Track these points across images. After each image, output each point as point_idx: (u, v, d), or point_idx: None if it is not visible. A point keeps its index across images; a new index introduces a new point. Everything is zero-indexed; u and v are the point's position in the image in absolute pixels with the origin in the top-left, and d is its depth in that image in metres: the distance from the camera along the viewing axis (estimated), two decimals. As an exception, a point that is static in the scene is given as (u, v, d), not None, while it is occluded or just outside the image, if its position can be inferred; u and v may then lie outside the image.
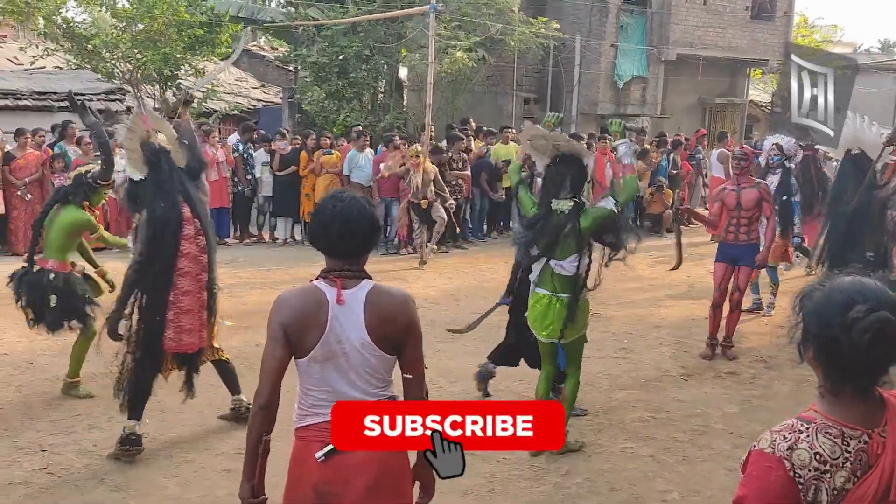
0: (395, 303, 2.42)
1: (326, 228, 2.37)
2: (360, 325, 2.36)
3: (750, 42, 21.36)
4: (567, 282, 4.33)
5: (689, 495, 4.19)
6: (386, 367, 2.44)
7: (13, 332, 6.81)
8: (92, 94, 13.34)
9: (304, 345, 2.35)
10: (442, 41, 14.68)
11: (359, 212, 2.38)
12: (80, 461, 4.40)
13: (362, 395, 2.39)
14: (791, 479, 1.56)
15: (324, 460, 2.34)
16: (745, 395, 5.76)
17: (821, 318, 1.62)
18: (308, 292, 2.40)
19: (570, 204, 4.27)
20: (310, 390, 2.42)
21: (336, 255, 2.41)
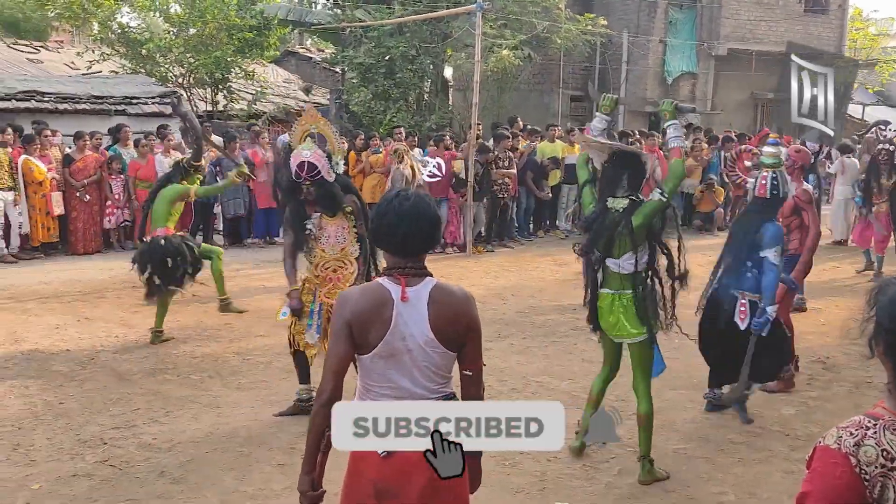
0: (458, 301, 2.45)
1: (392, 227, 2.40)
2: (424, 322, 2.38)
3: (803, 36, 20.84)
4: (627, 279, 4.23)
5: (744, 497, 4.12)
6: (447, 365, 2.46)
7: (74, 328, 7.03)
8: (147, 98, 13.68)
9: (367, 341, 2.38)
10: (488, 40, 14.67)
11: (423, 210, 2.41)
12: (140, 454, 4.52)
13: (424, 391, 2.42)
14: (857, 475, 1.54)
15: (385, 457, 2.35)
16: (802, 397, 5.63)
17: (894, 312, 1.58)
18: (372, 290, 2.43)
19: (626, 202, 4.19)
20: (371, 387, 2.44)
21: (400, 253, 2.43)
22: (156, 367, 6.04)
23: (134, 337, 6.83)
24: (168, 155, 10.80)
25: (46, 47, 19.21)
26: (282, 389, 5.61)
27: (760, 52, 20.16)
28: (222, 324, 7.33)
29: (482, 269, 10.26)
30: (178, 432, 4.83)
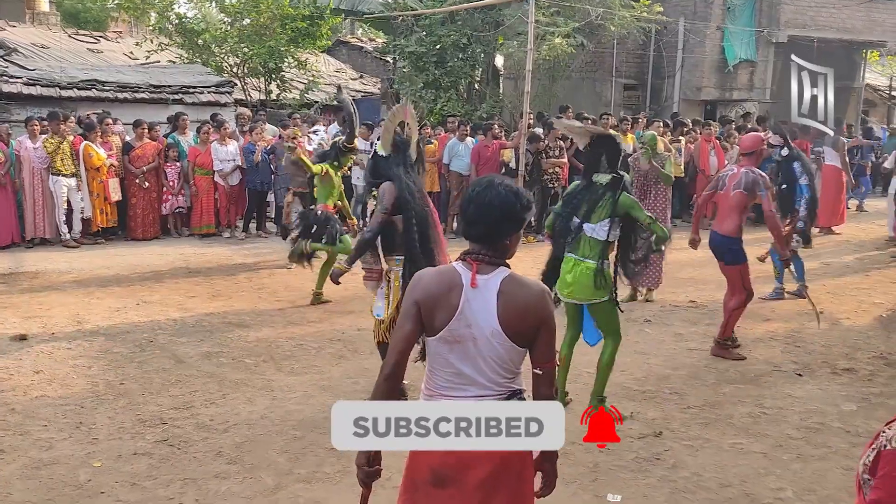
0: (531, 295, 2.37)
1: (465, 210, 2.42)
2: (491, 313, 2.33)
3: (866, 23, 20.12)
4: (596, 247, 4.76)
5: (803, 494, 4.01)
6: (514, 359, 2.40)
7: (134, 312, 7.22)
8: (203, 87, 13.92)
9: (434, 323, 2.36)
10: (540, 27, 14.53)
11: (493, 198, 2.36)
12: (198, 434, 4.63)
13: (488, 382, 2.38)
14: None
15: None
16: (864, 393, 5.46)
17: None
18: (445, 273, 2.42)
19: (608, 177, 4.83)
20: (437, 371, 2.43)
21: (471, 238, 2.42)
22: (212, 351, 6.17)
23: (190, 321, 6.99)
24: (224, 143, 11.00)
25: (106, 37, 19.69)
26: (334, 375, 5.68)
27: (822, 40, 19.51)
28: (276, 309, 7.44)
29: (532, 258, 10.16)
30: (234, 414, 4.93)
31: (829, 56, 20.08)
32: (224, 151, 11.01)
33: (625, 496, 3.95)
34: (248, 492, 3.98)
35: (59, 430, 4.65)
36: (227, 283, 8.45)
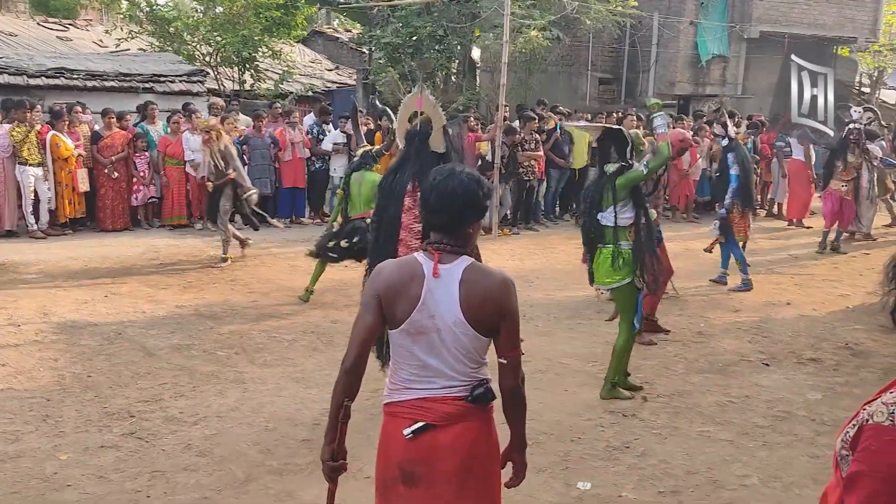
0: (493, 283, 2.34)
1: (426, 201, 2.38)
2: (454, 302, 2.30)
3: (837, 19, 20.40)
4: (608, 232, 5.02)
5: (769, 481, 4.08)
6: (479, 348, 2.37)
7: (102, 304, 7.13)
8: (174, 76, 13.74)
9: (396, 315, 2.32)
10: (516, 20, 14.53)
11: (455, 186, 2.33)
12: (166, 427, 4.58)
13: (454, 373, 2.35)
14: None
15: (412, 438, 2.32)
16: (829, 383, 5.56)
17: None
18: (405, 263, 2.39)
19: (616, 166, 5.10)
20: (402, 364, 2.39)
21: (434, 227, 2.39)
22: (182, 343, 6.11)
23: (161, 313, 6.92)
24: (196, 133, 10.88)
25: (75, 25, 19.38)
26: (307, 367, 5.66)
27: (793, 36, 19.74)
28: (249, 301, 7.39)
29: (508, 251, 10.23)
30: (204, 407, 4.89)
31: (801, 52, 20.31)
32: (196, 141, 10.87)
33: (594, 483, 3.98)
34: (218, 484, 3.95)
35: (25, 423, 4.59)
36: (198, 275, 8.38)
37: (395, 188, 4.74)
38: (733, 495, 3.93)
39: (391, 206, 4.73)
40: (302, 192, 12.06)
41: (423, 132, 4.78)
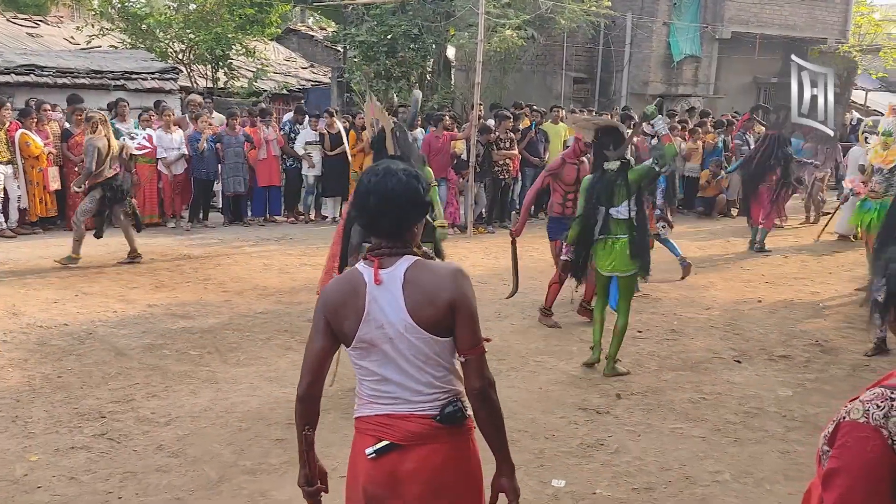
0: (438, 277, 2.13)
1: (364, 205, 2.16)
2: (399, 306, 2.11)
3: (807, 20, 20.71)
4: (623, 225, 5.43)
5: (740, 476, 4.13)
6: (440, 352, 2.15)
7: (73, 303, 7.03)
8: (146, 73, 13.59)
9: (346, 332, 2.15)
10: (491, 19, 14.57)
11: (394, 186, 2.13)
12: (138, 428, 4.53)
13: (418, 385, 2.15)
14: (889, 447, 1.54)
15: (374, 458, 2.15)
16: (799, 379, 5.64)
17: None
18: (346, 276, 2.21)
19: (618, 163, 5.42)
20: (363, 382, 2.22)
21: (376, 232, 2.19)
22: (154, 343, 6.05)
23: (132, 312, 6.83)
24: (168, 131, 10.76)
25: (46, 22, 19.07)
26: (281, 366, 5.63)
27: (764, 36, 20.03)
28: (222, 300, 7.33)
29: (483, 249, 10.25)
30: (177, 407, 4.84)
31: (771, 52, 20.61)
32: (168, 139, 10.78)
33: (569, 481, 4.00)
34: (191, 485, 3.92)
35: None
36: (171, 274, 8.29)
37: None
38: (705, 491, 3.98)
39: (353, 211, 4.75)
40: (277, 191, 11.99)
41: (381, 138, 4.85)
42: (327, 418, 4.72)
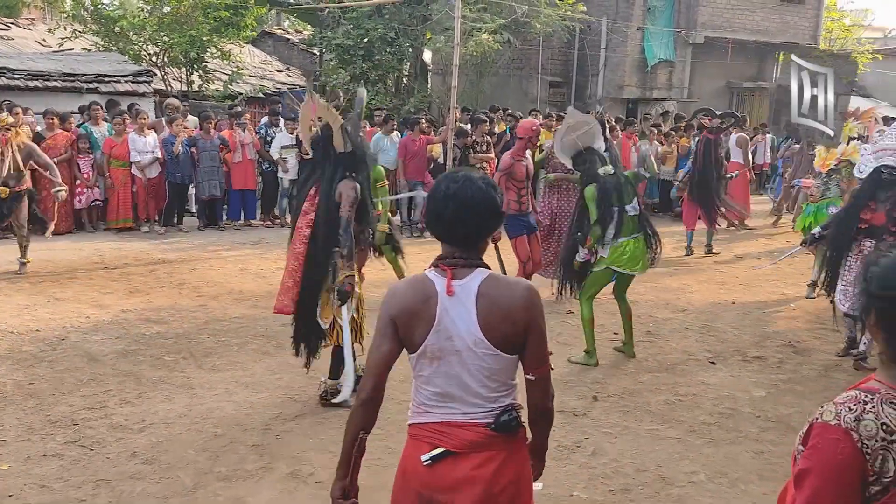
0: (513, 295, 2.13)
1: (440, 212, 2.15)
2: (472, 321, 2.11)
3: (779, 25, 21.01)
4: (636, 221, 5.76)
5: (715, 477, 4.17)
6: (504, 369, 2.17)
7: (45, 310, 6.93)
8: (119, 76, 13.45)
9: (413, 339, 2.16)
10: (467, 23, 14.61)
11: (474, 194, 2.13)
12: (111, 435, 4.47)
13: (476, 399, 2.16)
14: (859, 450, 1.56)
15: (429, 464, 2.16)
16: (773, 380, 5.71)
17: (886, 280, 1.61)
18: (417, 283, 2.19)
19: (611, 167, 5.79)
20: (421, 388, 2.22)
21: (451, 241, 2.17)
22: (128, 349, 5.98)
23: (106, 318, 6.75)
24: (142, 134, 10.65)
25: (17, 24, 18.78)
26: (257, 371, 5.59)
27: (736, 41, 20.29)
28: (197, 305, 7.26)
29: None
30: (151, 413, 4.79)
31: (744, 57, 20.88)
32: (142, 143, 10.67)
33: (546, 483, 4.00)
34: (165, 492, 3.87)
35: (-38, 434, 4.43)
36: (145, 279, 8.20)
37: (302, 196, 4.80)
38: (681, 492, 4.01)
39: (321, 208, 4.72)
40: (252, 194, 11.91)
41: (326, 136, 4.77)
42: (304, 422, 4.71)
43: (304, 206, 4.73)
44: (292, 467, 4.12)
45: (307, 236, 4.71)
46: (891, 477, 1.56)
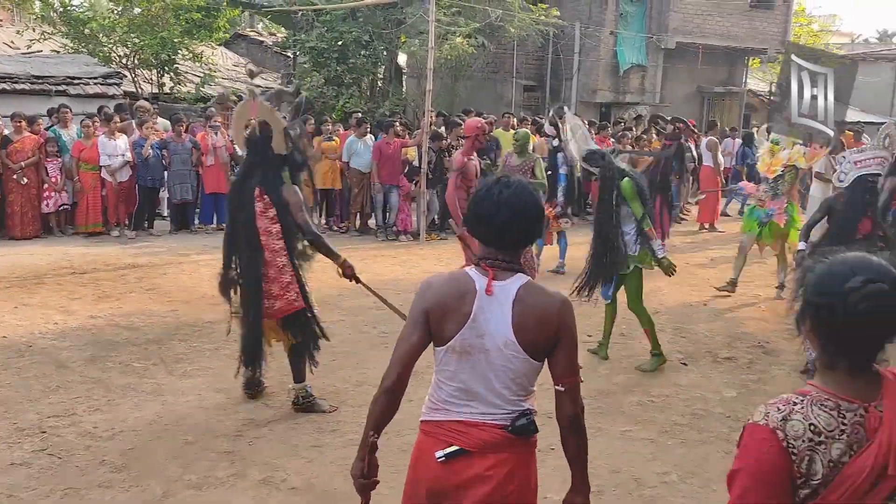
0: (549, 303, 2.20)
1: (492, 216, 2.19)
2: (506, 322, 2.16)
3: (749, 31, 21.29)
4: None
5: (687, 477, 4.21)
6: (528, 374, 2.22)
7: (12, 316, 6.81)
8: (88, 78, 13.27)
9: (443, 332, 2.20)
10: (441, 27, 14.63)
11: (525, 200, 2.19)
12: (80, 443, 4.40)
13: (497, 399, 2.20)
14: (784, 449, 1.56)
15: (443, 461, 2.20)
16: (743, 380, 5.78)
17: (820, 287, 1.61)
18: (456, 278, 2.24)
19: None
20: (443, 384, 2.26)
21: (494, 244, 2.23)
22: (97, 355, 5.89)
23: (74, 324, 6.65)
24: (113, 137, 10.52)
25: (-17, 25, 18.49)
26: (229, 377, 5.51)
27: (707, 46, 20.52)
28: (168, 310, 7.18)
29: (435, 256, 10.26)
30: (120, 421, 4.72)
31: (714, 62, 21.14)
32: (112, 146, 10.53)
33: (519, 487, 4.02)
34: (135, 501, 3.82)
35: (-75, 443, 4.33)
36: (115, 284, 8.09)
37: (244, 195, 4.74)
38: (654, 493, 4.04)
39: (242, 212, 4.74)
40: (224, 198, 11.78)
41: (265, 137, 4.76)
42: (277, 428, 4.67)
43: (258, 207, 4.71)
44: (265, 474, 4.09)
45: (279, 232, 4.74)
46: (819, 479, 1.56)
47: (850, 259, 1.62)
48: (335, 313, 7.29)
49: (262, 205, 4.73)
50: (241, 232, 4.78)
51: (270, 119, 4.78)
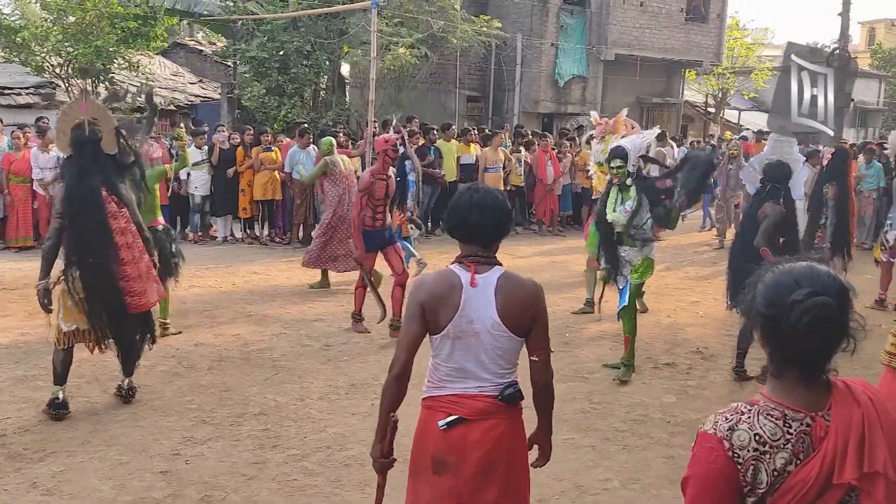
0: (525, 289, 2.60)
1: (465, 217, 2.58)
2: (491, 307, 2.54)
3: (684, 44, 21.88)
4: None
5: (628, 483, 4.26)
6: (513, 349, 2.61)
7: (-65, 334, 6.51)
8: (20, 88, 12.86)
9: (438, 322, 2.56)
10: (384, 38, 14.62)
11: (494, 201, 2.59)
12: (10, 465, 4.23)
13: (488, 374, 2.59)
14: (730, 459, 1.59)
15: (445, 429, 2.54)
16: (683, 386, 5.89)
17: (767, 298, 1.64)
18: (444, 275, 2.60)
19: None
20: (440, 366, 2.62)
21: (473, 241, 2.61)
22: (28, 374, 5.67)
23: (4, 341, 6.40)
24: (46, 149, 10.19)
25: None
26: (166, 394, 5.39)
27: (645, 59, 21.02)
28: (103, 326, 6.95)
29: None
30: (52, 441, 4.55)
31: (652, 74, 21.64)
32: (46, 158, 10.20)
33: (463, 498, 4.01)
34: (66, 524, 3.68)
35: None
36: (47, 300, 7.79)
37: (90, 195, 4.69)
38: (596, 499, 4.08)
39: (91, 212, 4.69)
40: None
41: (94, 137, 4.73)
42: (215, 446, 4.56)
43: (111, 208, 4.73)
44: (202, 493, 3.99)
45: (135, 230, 4.88)
46: (764, 489, 1.58)
47: (797, 270, 1.64)
48: (277, 326, 7.19)
49: (114, 206, 4.76)
50: (89, 233, 4.68)
51: (101, 118, 4.75)
